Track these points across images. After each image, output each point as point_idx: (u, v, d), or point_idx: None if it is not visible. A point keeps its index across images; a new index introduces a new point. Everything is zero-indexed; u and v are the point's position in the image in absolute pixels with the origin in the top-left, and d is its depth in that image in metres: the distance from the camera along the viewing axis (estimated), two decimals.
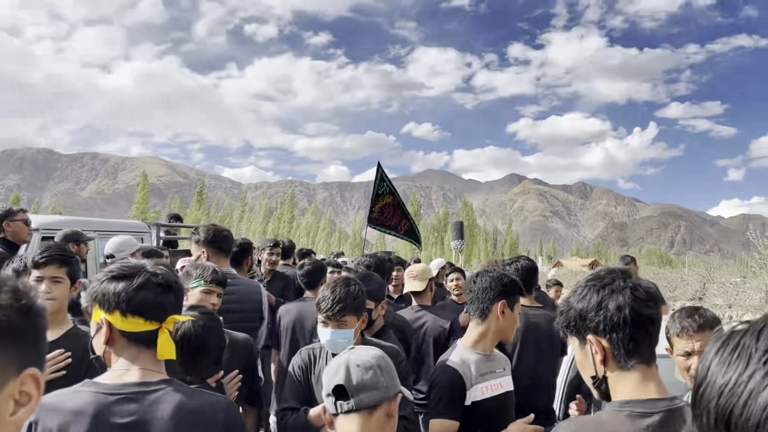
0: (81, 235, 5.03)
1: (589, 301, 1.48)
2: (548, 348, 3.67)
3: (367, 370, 1.61)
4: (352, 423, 1.58)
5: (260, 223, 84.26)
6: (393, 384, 1.66)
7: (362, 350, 1.70)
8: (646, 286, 1.49)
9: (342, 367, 1.61)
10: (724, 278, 13.32)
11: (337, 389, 1.59)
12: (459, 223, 14.93)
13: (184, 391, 1.62)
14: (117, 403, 1.51)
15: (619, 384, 1.47)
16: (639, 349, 1.45)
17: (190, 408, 1.57)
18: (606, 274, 1.53)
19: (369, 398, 1.58)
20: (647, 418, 1.39)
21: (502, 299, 2.52)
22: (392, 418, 1.64)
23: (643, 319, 1.44)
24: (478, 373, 2.45)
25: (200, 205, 74.70)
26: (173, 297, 1.66)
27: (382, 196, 9.14)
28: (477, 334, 2.54)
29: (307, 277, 4.50)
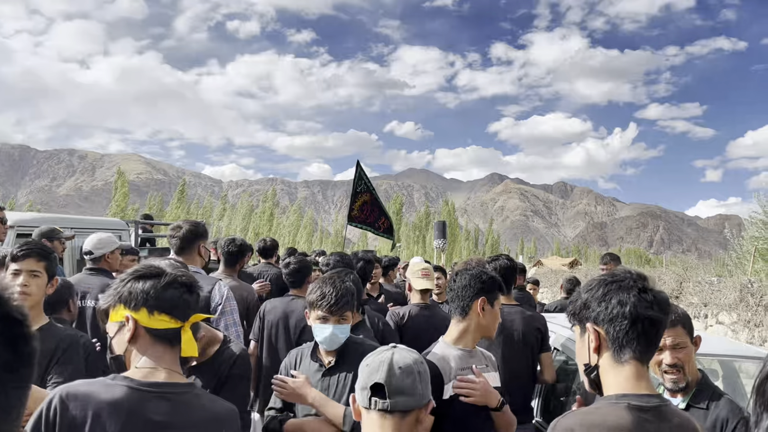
0: (57, 232, 4.96)
1: (596, 292, 1.56)
2: (523, 345, 3.70)
3: (408, 374, 1.63)
4: (384, 422, 1.61)
5: (241, 221, 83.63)
6: (427, 392, 1.69)
7: (405, 352, 1.71)
8: (656, 291, 1.55)
9: (384, 366, 1.63)
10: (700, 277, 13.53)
11: (375, 386, 1.61)
12: (441, 223, 14.99)
13: (207, 395, 1.71)
14: (151, 400, 1.55)
15: (609, 376, 1.53)
16: (633, 345, 1.50)
17: (214, 413, 1.65)
18: (621, 273, 1.60)
19: (405, 403, 1.61)
20: (644, 411, 1.45)
21: (482, 296, 2.57)
22: (421, 425, 1.66)
23: (642, 317, 1.50)
24: (458, 367, 2.49)
25: (181, 203, 73.96)
26: (195, 297, 1.72)
27: (361, 194, 9.18)
28: (458, 331, 2.59)
29: (293, 276, 4.50)
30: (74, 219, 7.46)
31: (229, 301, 3.72)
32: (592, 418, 1.47)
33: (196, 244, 3.78)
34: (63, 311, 3.34)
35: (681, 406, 2.35)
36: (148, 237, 9.52)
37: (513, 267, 3.92)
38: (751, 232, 19.70)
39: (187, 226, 3.79)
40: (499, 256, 3.98)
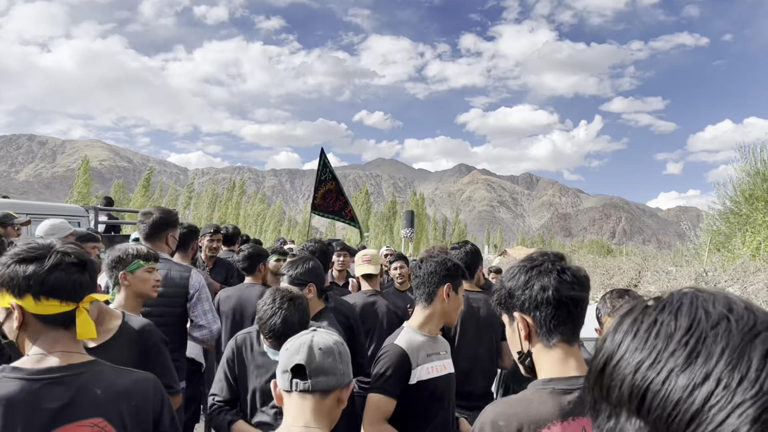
0: (11, 218, 4.81)
1: (518, 280, 1.56)
2: (487, 332, 3.74)
3: (328, 354, 1.64)
4: (305, 403, 1.61)
5: (206, 210, 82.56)
6: (348, 372, 1.69)
7: (324, 334, 1.72)
8: (574, 270, 1.56)
9: (304, 347, 1.63)
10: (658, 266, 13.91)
11: (296, 368, 1.61)
12: (410, 212, 15.09)
13: (111, 371, 1.59)
14: (44, 387, 1.46)
15: (541, 360, 1.55)
16: (560, 328, 1.52)
17: (119, 388, 1.55)
18: (538, 256, 1.60)
19: (326, 382, 1.61)
20: (568, 394, 1.47)
21: (447, 282, 2.61)
22: (341, 404, 1.68)
23: (565, 300, 1.51)
24: (424, 353, 2.53)
25: (145, 191, 72.59)
26: (88, 275, 1.58)
27: (324, 183, 9.15)
28: (423, 317, 2.61)
29: (244, 262, 4.46)
30: (31, 204, 7.25)
31: (204, 288, 3.72)
32: (516, 408, 1.49)
33: (166, 232, 3.71)
34: None
35: None
36: (112, 224, 9.27)
37: (477, 253, 3.96)
38: (707, 224, 20.29)
39: (159, 213, 3.71)
40: (464, 242, 4.01)
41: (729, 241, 18.14)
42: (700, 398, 0.52)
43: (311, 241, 4.63)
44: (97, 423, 1.49)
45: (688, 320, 0.59)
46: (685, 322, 0.59)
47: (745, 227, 17.95)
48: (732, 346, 0.54)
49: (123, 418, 1.53)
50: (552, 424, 1.45)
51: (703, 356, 0.55)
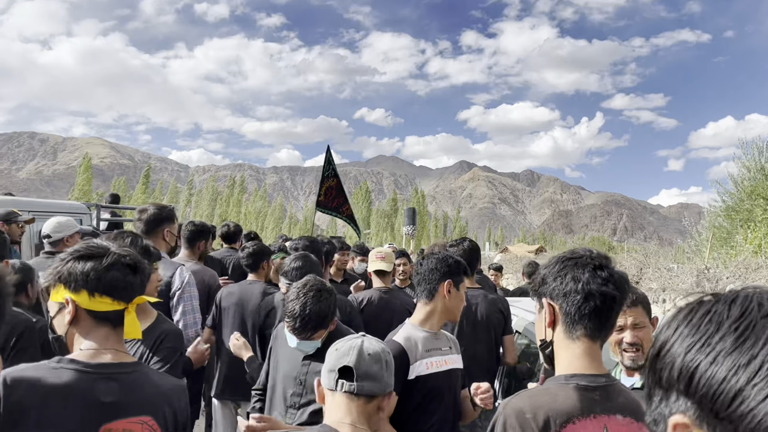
0: (15, 215, 4.81)
1: (553, 268, 1.60)
2: (485, 328, 3.76)
3: (376, 361, 1.69)
4: (349, 404, 1.66)
5: (207, 207, 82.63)
6: (391, 382, 1.75)
7: (374, 341, 1.78)
8: (612, 270, 1.57)
9: (354, 351, 1.69)
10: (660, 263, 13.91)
11: (344, 369, 1.67)
12: (411, 209, 15.11)
13: (155, 373, 1.70)
14: (100, 381, 1.52)
15: (562, 352, 1.57)
16: (584, 321, 1.53)
17: (163, 390, 1.64)
18: (581, 251, 1.63)
19: (371, 387, 1.67)
20: (591, 391, 1.49)
21: (448, 279, 2.63)
22: (381, 412, 1.72)
23: (594, 293, 1.52)
24: (423, 349, 2.54)
25: (146, 188, 72.67)
26: (140, 278, 1.67)
27: (327, 179, 9.17)
28: (424, 314, 2.63)
29: (248, 259, 4.47)
30: (33, 202, 7.26)
31: (189, 287, 3.66)
32: (541, 400, 1.49)
33: (162, 227, 3.71)
34: (21, 295, 3.26)
35: (637, 384, 2.42)
36: (116, 221, 9.25)
37: (477, 250, 3.97)
38: (709, 220, 20.28)
39: (153, 209, 3.72)
40: (463, 239, 4.02)
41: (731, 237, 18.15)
42: (744, 378, 0.57)
43: (300, 238, 4.63)
44: (146, 421, 1.55)
45: (740, 309, 0.64)
46: (737, 312, 0.64)
47: (747, 224, 17.95)
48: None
49: (166, 419, 1.61)
50: (577, 419, 1.46)
51: (750, 341, 0.60)
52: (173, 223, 3.88)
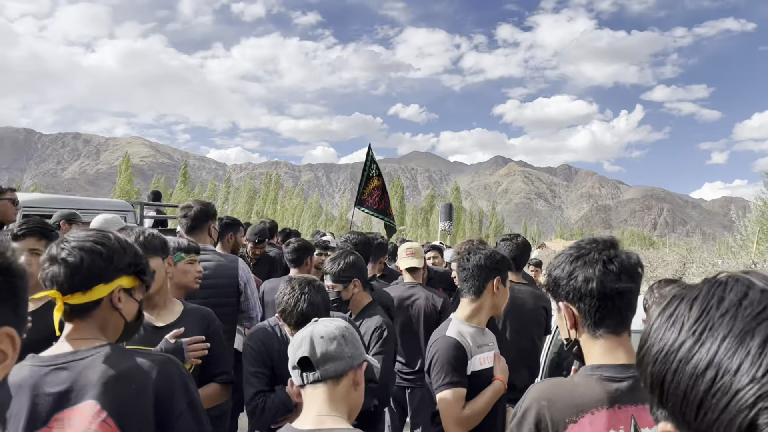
0: (77, 217, 4.96)
1: (563, 270, 1.55)
2: (531, 324, 3.73)
3: (331, 341, 1.65)
4: (319, 393, 1.63)
5: (244, 204, 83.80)
6: (358, 353, 1.69)
7: (325, 322, 1.73)
8: (623, 259, 1.51)
9: (306, 340, 1.65)
10: (704, 258, 13.53)
11: (302, 361, 1.63)
12: (448, 205, 15.01)
13: (116, 354, 1.58)
14: (50, 373, 1.51)
15: (589, 349, 1.54)
16: (605, 320, 1.50)
17: (118, 371, 1.53)
18: (586, 245, 1.57)
19: (334, 368, 1.63)
20: (616, 382, 1.46)
21: (497, 276, 2.60)
22: (358, 386, 1.68)
23: (610, 292, 1.48)
24: (475, 345, 2.52)
25: (185, 186, 74.14)
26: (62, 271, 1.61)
27: (372, 179, 9.15)
28: (471, 310, 2.60)
29: (293, 254, 4.52)
30: (79, 200, 7.48)
31: (251, 280, 3.86)
32: (560, 389, 1.48)
33: (207, 223, 3.80)
34: None
35: None
36: (160, 219, 9.43)
37: (528, 246, 3.96)
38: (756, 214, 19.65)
39: (198, 206, 3.81)
40: (516, 235, 4.01)
41: None
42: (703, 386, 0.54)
43: (353, 233, 4.66)
44: (90, 406, 1.48)
45: (699, 310, 0.61)
46: (696, 312, 0.61)
47: None
48: (734, 332, 0.56)
49: (119, 401, 1.50)
50: (597, 410, 1.43)
51: (707, 345, 0.57)
52: (216, 220, 3.98)
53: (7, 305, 0.82)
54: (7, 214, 4.37)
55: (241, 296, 3.82)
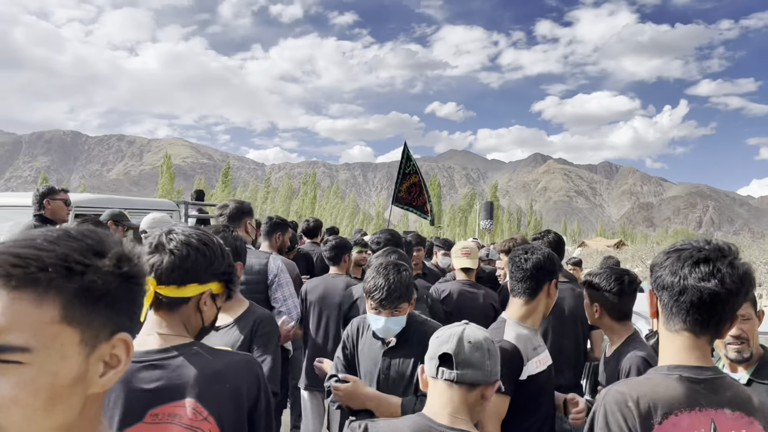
0: (125, 218, 5.06)
1: (659, 258, 1.56)
2: (572, 323, 3.66)
3: (477, 348, 1.66)
4: (453, 393, 1.65)
5: (282, 203, 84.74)
6: (495, 370, 1.70)
7: (476, 329, 1.74)
8: (722, 264, 1.45)
9: (454, 338, 1.67)
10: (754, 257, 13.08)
11: (443, 356, 1.65)
12: (489, 203, 14.89)
13: (208, 352, 1.61)
14: (143, 370, 1.52)
15: (665, 343, 1.53)
16: (682, 316, 1.48)
17: (212, 370, 1.55)
18: (690, 243, 1.54)
19: (472, 375, 1.64)
20: (695, 383, 1.43)
21: (553, 278, 2.54)
22: (486, 401, 1.69)
23: (690, 289, 1.45)
24: (531, 347, 2.46)
25: (225, 186, 75.39)
26: None
27: (409, 176, 9.12)
28: (525, 311, 2.53)
29: (331, 252, 4.55)
30: (127, 200, 7.69)
31: (282, 273, 3.82)
32: (643, 388, 1.45)
33: (243, 220, 3.88)
34: None
35: (743, 380, 2.30)
36: (203, 218, 9.61)
37: (562, 242, 3.88)
38: None
39: (234, 204, 3.91)
40: (547, 231, 3.93)
41: None
42: None
43: (381, 232, 4.65)
44: (191, 404, 1.50)
45: None
46: None
47: None
48: None
49: (217, 399, 1.54)
50: (680, 411, 1.40)
51: None
52: (252, 217, 4.06)
53: (125, 312, 0.85)
54: (60, 214, 4.52)
55: (270, 290, 3.83)
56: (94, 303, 0.79)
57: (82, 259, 0.78)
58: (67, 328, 0.77)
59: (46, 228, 0.82)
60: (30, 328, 0.73)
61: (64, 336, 0.76)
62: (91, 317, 0.79)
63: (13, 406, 0.71)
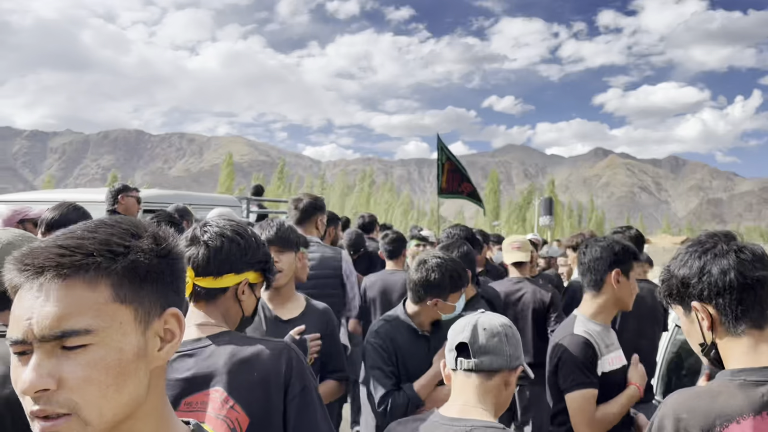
0: (189, 213, 5.19)
1: (691, 267, 1.45)
2: (650, 322, 3.55)
3: (493, 335, 1.65)
4: (470, 382, 1.63)
5: (337, 200, 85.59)
6: (516, 354, 1.68)
7: (492, 316, 1.73)
8: (752, 248, 1.43)
9: (469, 327, 1.66)
10: None
11: (460, 346, 1.64)
12: (548, 199, 14.60)
13: (238, 341, 1.61)
14: (177, 360, 1.54)
15: (729, 350, 1.42)
16: (748, 314, 1.39)
17: (243, 356, 1.55)
18: (707, 239, 1.49)
19: (490, 362, 1.63)
20: (762, 386, 1.33)
21: (616, 268, 2.42)
22: (509, 387, 1.68)
23: (750, 281, 1.38)
24: (603, 344, 2.40)
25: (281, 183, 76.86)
26: None
27: (445, 165, 9.10)
28: (595, 306, 2.46)
29: (390, 245, 4.54)
30: (192, 195, 7.92)
31: (353, 273, 3.92)
32: (700, 401, 1.36)
33: (315, 216, 3.90)
34: None
35: None
36: (263, 213, 9.81)
37: (642, 239, 3.79)
38: None
39: (307, 198, 3.92)
40: (628, 227, 3.83)
41: None
42: None
43: (453, 227, 4.61)
44: (218, 393, 1.52)
45: None
46: None
47: None
48: None
49: (244, 388, 1.53)
50: (742, 418, 1.31)
51: None
52: (324, 213, 4.05)
53: (170, 287, 0.88)
54: (131, 211, 4.75)
55: (344, 288, 3.87)
56: (141, 281, 0.83)
57: (121, 242, 0.82)
58: (121, 306, 0.80)
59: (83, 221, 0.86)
60: (89, 310, 0.77)
61: (120, 314, 0.80)
62: (141, 295, 0.82)
63: (87, 385, 0.75)
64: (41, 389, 0.73)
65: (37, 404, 0.73)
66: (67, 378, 0.74)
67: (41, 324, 0.74)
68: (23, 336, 0.75)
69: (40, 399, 0.74)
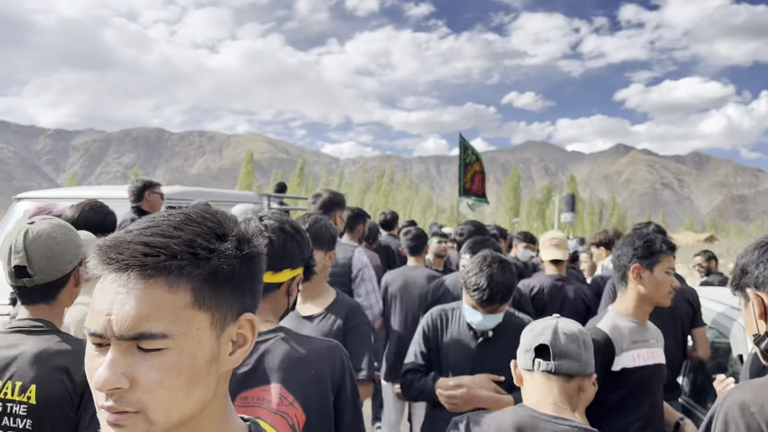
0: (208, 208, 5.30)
1: (751, 256, 1.45)
2: (672, 319, 3.48)
3: (573, 340, 1.67)
4: (548, 384, 1.65)
5: (356, 197, 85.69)
6: (591, 362, 1.71)
7: (570, 322, 1.75)
8: None
9: (549, 330, 1.68)
10: None
11: (540, 348, 1.66)
12: (570, 196, 14.43)
13: (293, 338, 1.63)
14: None
15: None
16: None
17: (297, 356, 1.57)
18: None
19: (569, 366, 1.65)
20: None
21: (636, 263, 2.41)
22: (583, 393, 1.70)
23: None
24: (629, 340, 2.40)
25: (300, 180, 77.21)
26: None
27: (471, 165, 9.01)
28: (625, 301, 2.49)
29: (413, 241, 4.53)
30: (214, 192, 8.02)
31: (367, 268, 3.79)
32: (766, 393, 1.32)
33: (334, 212, 3.88)
34: None
35: None
36: (284, 209, 9.86)
37: (663, 233, 3.72)
38: None
39: (327, 194, 3.91)
40: (648, 223, 3.82)
41: None
42: None
43: (466, 223, 4.57)
44: (276, 389, 1.53)
45: None
46: None
47: None
48: None
49: (301, 385, 1.55)
50: None
51: None
52: (344, 209, 4.04)
53: (248, 291, 0.87)
54: (156, 207, 4.84)
55: (353, 284, 3.78)
56: (221, 286, 0.82)
57: (206, 245, 0.80)
58: (199, 312, 0.79)
59: (167, 212, 0.86)
60: (167, 314, 0.76)
61: (197, 320, 0.79)
62: (219, 300, 0.82)
63: (159, 388, 0.75)
64: (114, 387, 0.74)
65: (109, 400, 0.75)
66: (140, 379, 0.75)
67: (120, 323, 0.75)
68: (102, 331, 0.76)
69: (112, 396, 0.75)
